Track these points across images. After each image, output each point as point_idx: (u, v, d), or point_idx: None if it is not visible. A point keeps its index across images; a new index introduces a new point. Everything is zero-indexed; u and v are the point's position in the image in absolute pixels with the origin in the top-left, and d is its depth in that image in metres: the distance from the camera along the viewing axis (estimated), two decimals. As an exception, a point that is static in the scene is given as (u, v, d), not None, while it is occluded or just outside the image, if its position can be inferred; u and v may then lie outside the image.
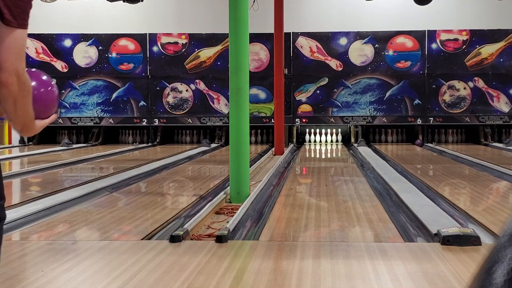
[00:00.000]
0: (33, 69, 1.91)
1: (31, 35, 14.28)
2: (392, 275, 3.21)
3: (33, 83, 1.79)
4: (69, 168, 9.22)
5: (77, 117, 14.30)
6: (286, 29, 12.01)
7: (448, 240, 3.78)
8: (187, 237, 4.08)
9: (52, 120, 1.94)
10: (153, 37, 14.15)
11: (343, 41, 13.90)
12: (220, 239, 3.92)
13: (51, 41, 14.32)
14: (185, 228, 4.16)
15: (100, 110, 14.27)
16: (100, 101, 14.21)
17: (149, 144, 14.02)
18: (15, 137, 14.40)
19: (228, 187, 5.90)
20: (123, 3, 12.74)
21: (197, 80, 14.09)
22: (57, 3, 13.83)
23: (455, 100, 13.81)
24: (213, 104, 14.06)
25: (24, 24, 1.65)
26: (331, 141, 14.23)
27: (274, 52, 11.73)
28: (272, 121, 12.61)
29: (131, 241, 3.91)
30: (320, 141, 14.22)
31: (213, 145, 13.34)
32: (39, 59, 14.29)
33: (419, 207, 5.09)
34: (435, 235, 3.97)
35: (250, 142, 11.56)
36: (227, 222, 4.59)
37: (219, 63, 14.01)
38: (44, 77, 1.96)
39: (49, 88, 1.95)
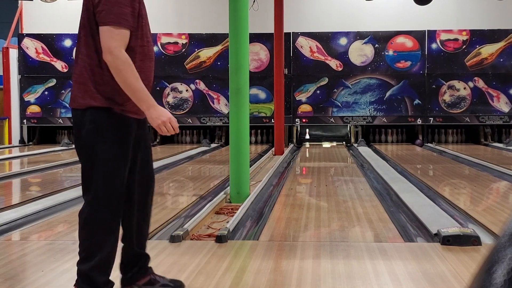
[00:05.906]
0: None
1: (31, 35, 14.29)
2: (392, 275, 3.21)
3: None
4: (69, 168, 9.21)
5: (77, 117, 14.29)
6: (286, 29, 12.00)
7: (448, 240, 3.78)
8: (187, 237, 4.08)
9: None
10: (153, 37, 14.12)
11: (343, 41, 13.90)
12: (220, 239, 3.92)
13: (51, 41, 14.31)
14: (185, 228, 4.16)
15: (100, 110, 14.26)
16: (100, 101, 14.18)
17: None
18: (15, 137, 14.39)
19: (228, 187, 5.90)
20: (123, 3, 12.72)
21: (197, 80, 14.09)
22: (57, 3, 13.83)
23: (455, 100, 13.80)
24: (213, 104, 14.06)
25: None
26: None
27: (274, 52, 11.73)
28: (272, 121, 12.61)
29: (131, 241, 3.91)
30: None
31: (213, 145, 13.34)
32: (39, 59, 14.29)
33: (419, 207, 5.09)
34: (435, 235, 3.97)
35: (250, 142, 11.55)
36: (227, 222, 4.58)
37: (219, 63, 14.00)
38: None
39: None
